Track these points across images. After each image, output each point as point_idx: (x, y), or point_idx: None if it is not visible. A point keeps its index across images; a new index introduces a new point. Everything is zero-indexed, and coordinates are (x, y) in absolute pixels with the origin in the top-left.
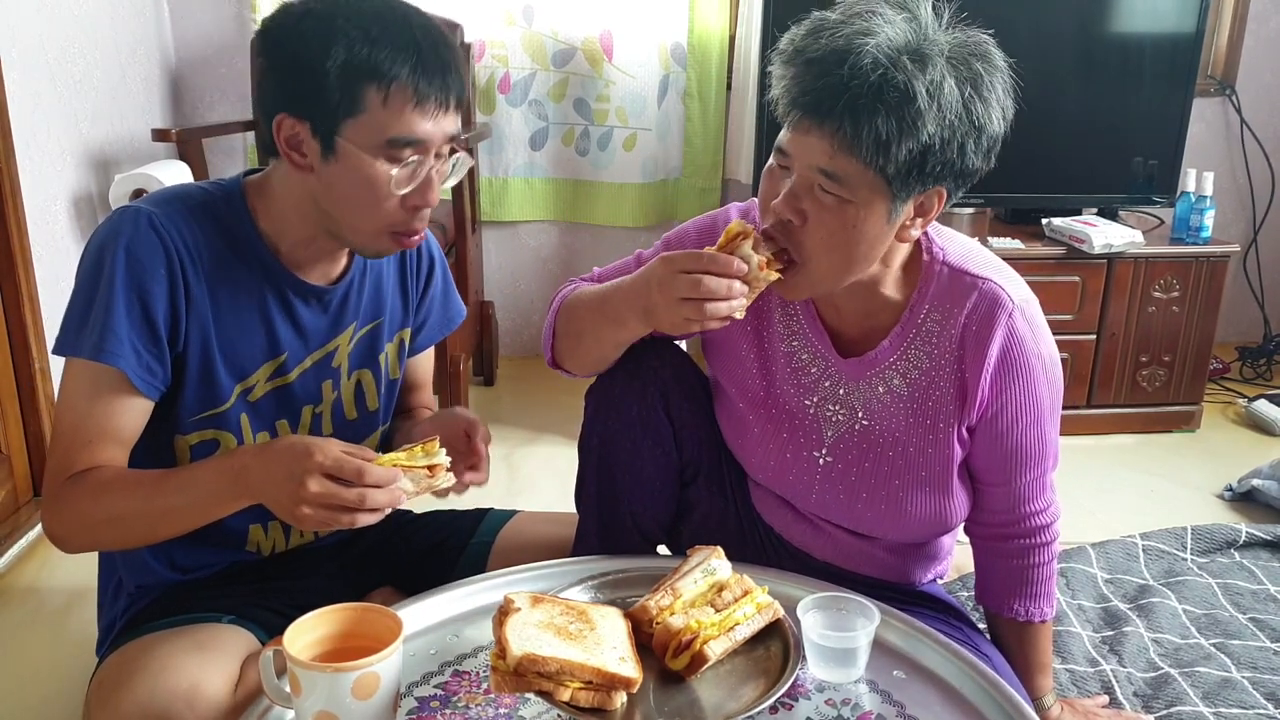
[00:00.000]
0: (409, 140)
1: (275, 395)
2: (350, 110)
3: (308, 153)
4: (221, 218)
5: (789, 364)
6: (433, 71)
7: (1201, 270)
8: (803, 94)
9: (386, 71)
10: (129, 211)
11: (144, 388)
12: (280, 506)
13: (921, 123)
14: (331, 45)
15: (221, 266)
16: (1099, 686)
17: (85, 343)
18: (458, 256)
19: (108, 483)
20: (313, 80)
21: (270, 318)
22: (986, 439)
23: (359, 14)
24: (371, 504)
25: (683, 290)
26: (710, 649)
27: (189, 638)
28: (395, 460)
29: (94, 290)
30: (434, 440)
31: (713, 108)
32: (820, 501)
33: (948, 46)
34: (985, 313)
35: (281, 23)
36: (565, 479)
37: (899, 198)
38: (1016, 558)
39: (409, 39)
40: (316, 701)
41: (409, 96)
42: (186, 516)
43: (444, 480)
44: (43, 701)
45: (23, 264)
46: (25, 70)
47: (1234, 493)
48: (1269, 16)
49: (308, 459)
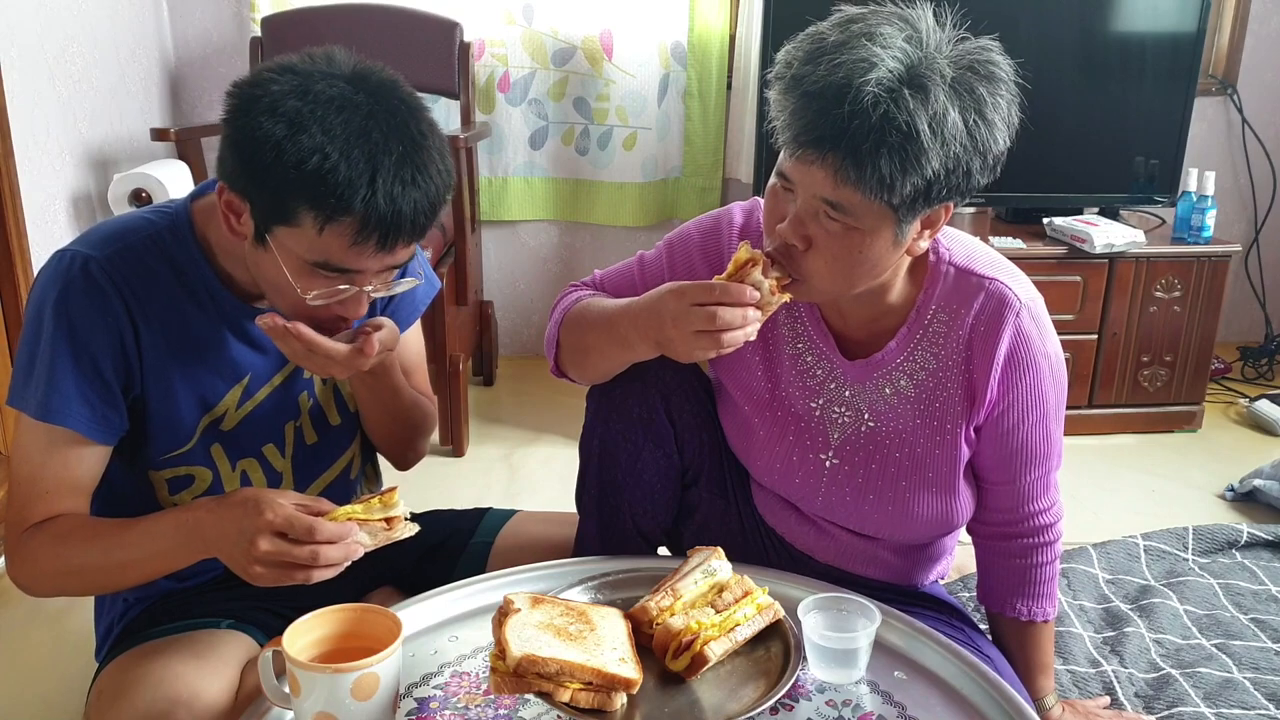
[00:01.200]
0: (339, 269)
1: (251, 420)
2: (284, 219)
3: (242, 227)
4: (168, 251)
5: (794, 367)
6: (385, 223)
7: (1203, 270)
8: (804, 130)
9: (331, 207)
10: (65, 257)
11: (99, 437)
12: (234, 563)
13: (925, 159)
14: (286, 147)
15: (171, 304)
16: (1100, 687)
17: (31, 399)
18: (457, 256)
19: (66, 535)
20: (258, 176)
21: (227, 346)
22: (992, 438)
23: (330, 128)
24: (325, 561)
25: (698, 324)
26: (710, 650)
27: (187, 645)
28: (351, 513)
29: (36, 345)
30: (392, 490)
31: (713, 107)
32: (826, 504)
33: (950, 69)
34: (993, 313)
35: (250, 99)
36: (565, 479)
37: (905, 221)
38: (1019, 557)
39: (374, 174)
40: (316, 702)
41: (348, 237)
42: (146, 568)
43: (403, 531)
44: (42, 702)
45: (22, 264)
46: (25, 70)
47: (1235, 493)
48: (1270, 16)
49: (258, 517)
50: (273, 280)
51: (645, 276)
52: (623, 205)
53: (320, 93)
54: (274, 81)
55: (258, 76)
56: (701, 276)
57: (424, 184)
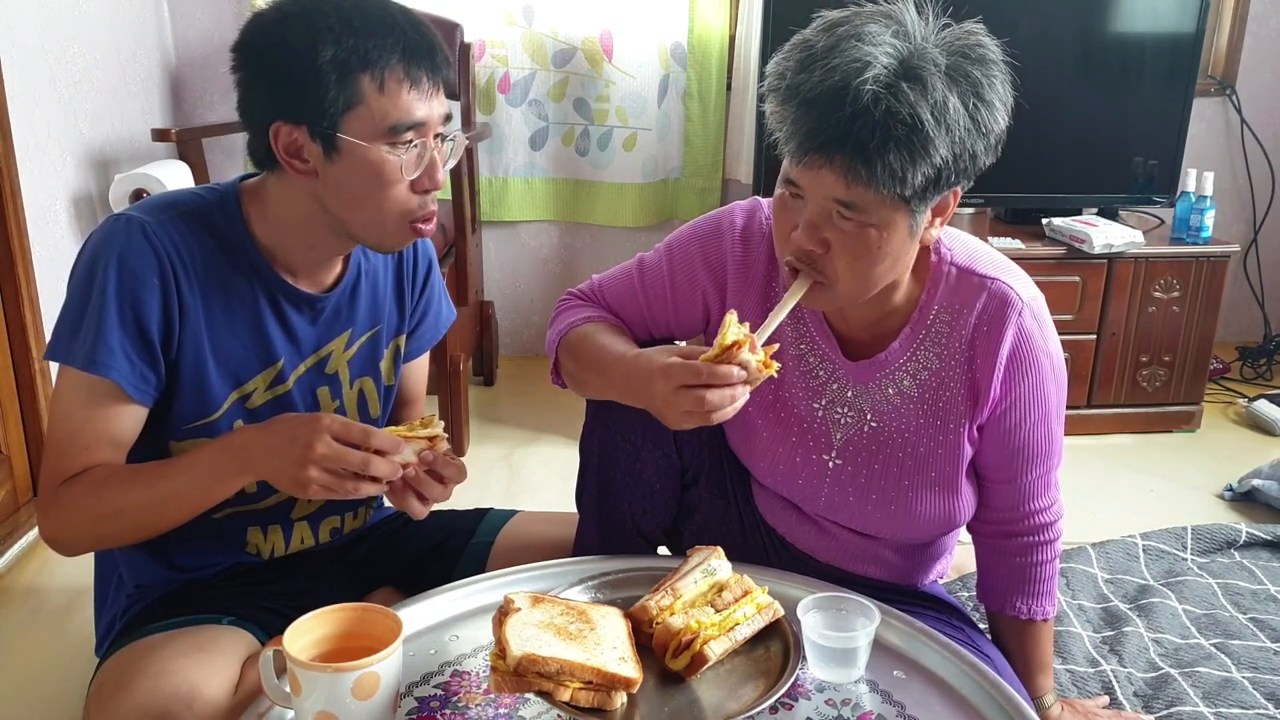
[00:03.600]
0: (410, 124)
1: (275, 404)
2: (348, 104)
3: (309, 157)
4: (215, 224)
5: (797, 368)
6: (421, 53)
7: (1202, 270)
8: (808, 137)
9: (378, 59)
10: (121, 220)
11: (138, 395)
12: (284, 473)
13: (933, 147)
14: (318, 43)
15: (215, 273)
16: (1099, 687)
17: (78, 352)
18: (458, 256)
19: (108, 478)
20: (305, 81)
21: (264, 324)
22: (994, 436)
23: (336, 8)
24: (375, 471)
25: (686, 406)
26: (710, 649)
27: (188, 640)
28: (397, 433)
29: (87, 299)
30: (432, 415)
31: (713, 108)
32: (829, 504)
33: (943, 57)
34: (995, 312)
35: (260, 30)
36: (565, 479)
37: (918, 211)
38: (1019, 555)
39: (393, 24)
40: (316, 701)
41: (403, 80)
42: (189, 499)
43: (445, 447)
44: (43, 702)
45: (23, 264)
46: (25, 70)
47: (1234, 493)
48: (1269, 16)
49: (315, 422)
50: (359, 185)
51: (645, 282)
52: (623, 206)
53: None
54: (265, 11)
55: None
56: (703, 283)
57: (428, 28)
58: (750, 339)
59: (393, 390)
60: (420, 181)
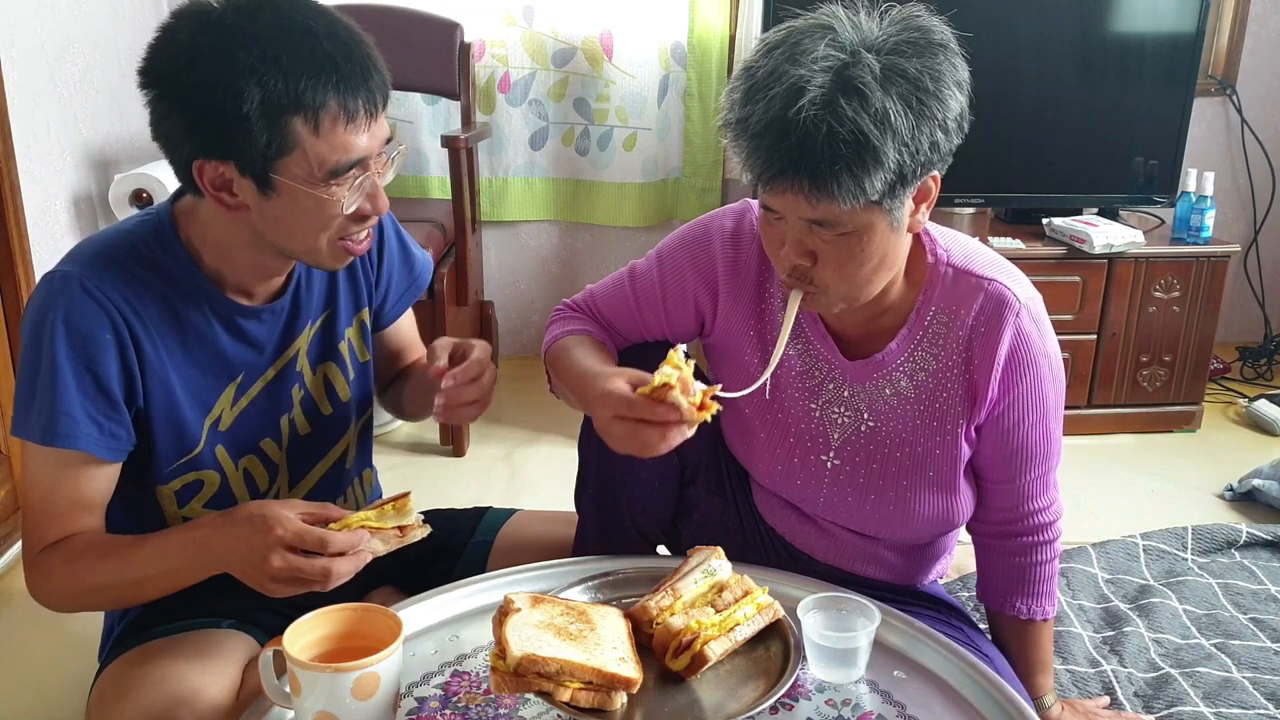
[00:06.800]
0: (350, 164)
1: (246, 416)
2: (280, 150)
3: (239, 192)
4: (155, 259)
5: (793, 368)
6: (355, 83)
7: (1202, 270)
8: (764, 169)
9: (310, 100)
10: (57, 279)
11: (109, 455)
12: (248, 579)
13: (883, 154)
14: (242, 86)
15: (166, 311)
16: (1100, 687)
17: (36, 426)
18: (458, 256)
19: (79, 554)
20: (230, 129)
21: (220, 345)
22: (992, 437)
23: (256, 40)
24: (337, 574)
25: (620, 434)
26: (710, 649)
27: (189, 644)
28: (365, 520)
29: (36, 369)
30: (405, 496)
31: (713, 107)
32: (828, 504)
33: (878, 60)
34: (993, 313)
35: (172, 64)
36: (565, 479)
37: (893, 209)
38: (1019, 555)
39: (320, 54)
40: (316, 701)
41: (338, 117)
42: (161, 584)
43: (416, 536)
44: (43, 702)
45: (23, 265)
46: (25, 70)
47: (1234, 493)
48: (1269, 16)
49: (267, 534)
50: (299, 219)
51: (637, 290)
52: (623, 206)
53: (218, 20)
54: (173, 39)
55: (154, 45)
56: (694, 288)
57: (359, 45)
58: (683, 381)
59: (368, 365)
60: (362, 208)
